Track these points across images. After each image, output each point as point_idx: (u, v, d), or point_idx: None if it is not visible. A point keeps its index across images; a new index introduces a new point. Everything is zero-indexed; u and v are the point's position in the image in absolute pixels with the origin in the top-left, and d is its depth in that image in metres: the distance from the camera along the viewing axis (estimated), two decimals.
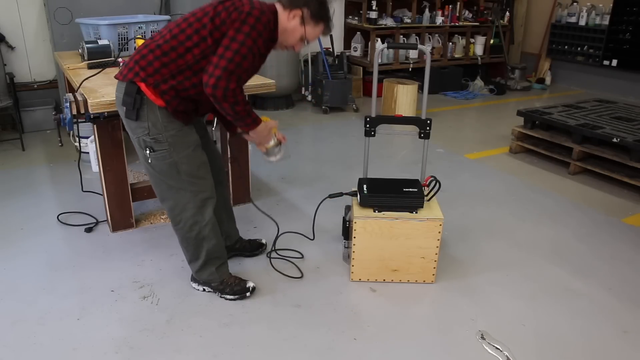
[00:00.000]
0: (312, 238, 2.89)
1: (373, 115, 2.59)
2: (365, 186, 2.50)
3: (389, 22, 6.27)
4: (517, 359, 2.05)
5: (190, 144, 2.14)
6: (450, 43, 6.84)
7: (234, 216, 2.66)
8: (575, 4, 6.72)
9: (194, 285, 2.43)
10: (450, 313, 2.32)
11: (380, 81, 5.46)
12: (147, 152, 2.08)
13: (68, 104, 2.51)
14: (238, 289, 2.36)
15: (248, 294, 2.37)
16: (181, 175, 2.13)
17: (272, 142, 2.30)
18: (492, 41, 6.99)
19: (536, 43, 7.33)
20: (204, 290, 2.41)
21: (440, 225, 2.41)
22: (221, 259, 2.36)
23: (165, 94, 2.00)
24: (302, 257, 2.73)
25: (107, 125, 2.70)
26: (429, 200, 2.53)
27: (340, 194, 2.63)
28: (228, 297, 2.36)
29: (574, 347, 2.13)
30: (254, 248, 2.71)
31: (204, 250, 2.27)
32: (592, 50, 6.55)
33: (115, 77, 2.09)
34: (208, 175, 2.23)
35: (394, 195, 2.43)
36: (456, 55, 6.92)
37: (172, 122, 2.07)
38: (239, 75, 1.93)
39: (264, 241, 2.76)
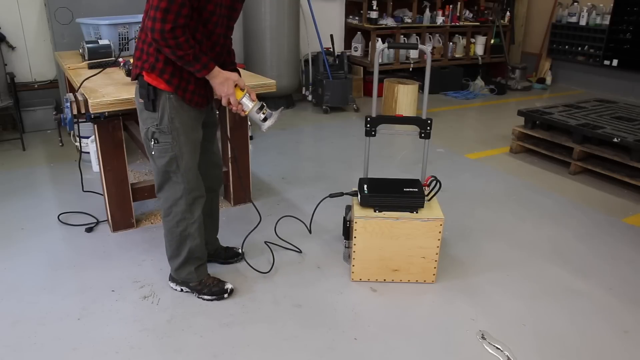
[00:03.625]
0: (309, 232, 2.93)
1: (373, 115, 2.59)
2: (365, 186, 2.50)
3: (389, 22, 6.26)
4: (518, 359, 2.05)
5: (194, 140, 2.17)
6: (451, 43, 6.83)
7: (218, 226, 2.65)
8: (575, 3, 6.71)
9: (172, 285, 2.43)
10: (450, 313, 2.32)
11: (380, 81, 5.47)
12: (152, 143, 2.12)
13: (68, 104, 2.51)
14: (216, 290, 2.36)
15: (226, 295, 2.36)
16: (180, 169, 2.15)
17: (250, 105, 2.19)
18: (492, 41, 6.99)
19: (537, 43, 7.33)
20: (182, 290, 2.41)
21: (441, 225, 2.41)
22: (201, 259, 2.37)
23: (164, 72, 2.01)
24: (301, 252, 2.74)
25: (108, 125, 2.70)
26: (429, 200, 2.53)
27: (341, 194, 2.64)
28: (205, 297, 2.36)
29: (574, 347, 2.13)
30: (228, 256, 2.67)
31: (187, 248, 2.28)
32: (592, 50, 6.55)
33: (132, 81, 2.16)
34: (199, 174, 2.26)
35: (394, 195, 2.43)
36: (457, 55, 6.92)
37: (180, 115, 2.08)
38: (177, 12, 1.82)
39: (240, 250, 2.71)
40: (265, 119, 2.22)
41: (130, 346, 2.07)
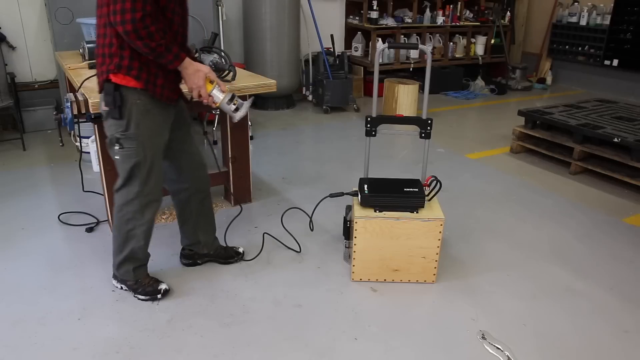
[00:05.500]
0: (311, 229, 2.95)
1: (374, 115, 2.59)
2: (366, 186, 2.50)
3: (389, 22, 6.27)
4: (518, 359, 2.05)
5: (159, 145, 2.16)
6: (451, 43, 6.83)
7: (214, 227, 2.63)
8: (576, 3, 6.71)
9: (114, 282, 2.43)
10: (451, 313, 2.32)
11: (381, 81, 5.47)
12: (116, 147, 2.10)
13: (69, 104, 2.51)
14: (150, 290, 2.35)
15: (159, 295, 2.35)
16: (141, 172, 2.14)
17: (221, 96, 2.18)
18: (493, 41, 6.99)
19: (537, 43, 7.33)
20: (121, 288, 2.41)
21: (441, 225, 2.41)
22: (142, 261, 2.36)
23: (132, 69, 1.98)
24: (300, 251, 2.74)
25: None
26: (429, 200, 2.53)
27: (341, 194, 2.64)
28: (140, 297, 2.36)
29: (574, 347, 2.13)
30: (228, 255, 2.65)
31: (130, 246, 2.28)
32: (593, 50, 6.55)
33: (99, 93, 2.11)
34: (160, 179, 2.24)
35: (395, 195, 2.43)
36: (457, 55, 6.92)
37: (146, 120, 2.07)
38: (144, 1, 1.82)
39: (241, 249, 2.70)
40: (236, 110, 2.21)
41: (130, 346, 2.07)
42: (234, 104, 2.21)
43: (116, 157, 2.13)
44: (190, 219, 2.53)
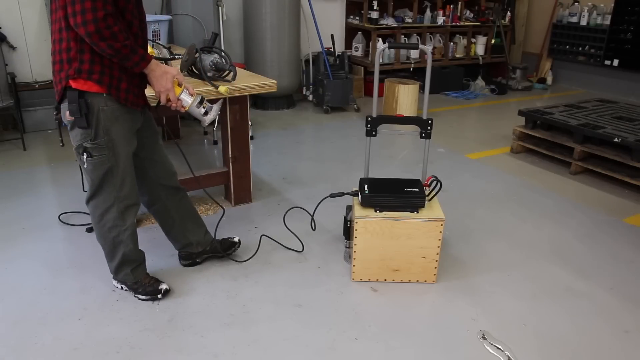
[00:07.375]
0: (313, 229, 2.95)
1: (374, 115, 2.59)
2: (366, 186, 2.50)
3: (390, 22, 6.27)
4: (518, 359, 2.05)
5: (129, 151, 2.13)
6: (452, 43, 6.83)
7: (201, 222, 2.61)
8: (576, 3, 6.71)
9: (114, 282, 2.43)
10: (451, 313, 2.32)
11: (381, 81, 5.47)
12: (85, 156, 2.04)
13: None
14: (150, 290, 2.35)
15: (159, 295, 2.34)
16: (114, 179, 2.11)
17: (189, 100, 2.13)
18: (493, 41, 6.99)
19: (537, 43, 7.33)
20: (122, 288, 2.41)
21: (442, 225, 2.41)
22: (137, 261, 2.35)
23: (93, 73, 1.91)
24: (303, 249, 2.74)
25: None
26: (430, 200, 2.53)
27: (342, 194, 2.64)
28: (140, 297, 2.35)
29: (575, 347, 2.13)
30: (225, 247, 2.65)
31: (120, 252, 2.27)
32: (593, 50, 6.55)
33: (58, 102, 2.04)
34: (135, 184, 2.21)
35: (395, 195, 2.43)
36: (457, 55, 6.92)
37: (114, 126, 2.02)
38: (105, 0, 1.76)
39: (236, 239, 2.69)
40: (206, 113, 2.17)
41: (131, 346, 2.07)
42: (204, 107, 2.16)
43: (85, 166, 2.07)
44: (174, 225, 2.52)
